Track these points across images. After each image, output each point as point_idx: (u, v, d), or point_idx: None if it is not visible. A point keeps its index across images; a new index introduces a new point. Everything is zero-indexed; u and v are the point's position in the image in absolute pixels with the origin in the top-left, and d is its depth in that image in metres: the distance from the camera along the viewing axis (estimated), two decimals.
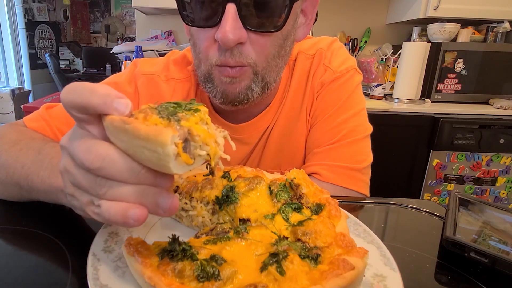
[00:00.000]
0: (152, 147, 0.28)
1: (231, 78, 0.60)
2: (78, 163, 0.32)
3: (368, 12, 2.65)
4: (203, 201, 0.48)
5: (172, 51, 0.85)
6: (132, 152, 0.30)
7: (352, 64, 0.78)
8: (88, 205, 0.33)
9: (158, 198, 0.31)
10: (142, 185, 0.31)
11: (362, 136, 0.76)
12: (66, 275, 0.39)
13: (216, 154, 0.33)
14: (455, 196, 0.60)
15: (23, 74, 4.60)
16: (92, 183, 0.31)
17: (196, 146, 0.31)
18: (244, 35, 0.55)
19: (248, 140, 0.77)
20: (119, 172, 0.31)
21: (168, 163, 0.29)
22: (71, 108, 0.32)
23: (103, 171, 0.31)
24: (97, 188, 0.31)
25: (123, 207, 0.31)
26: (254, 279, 0.31)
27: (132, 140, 0.29)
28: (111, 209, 0.31)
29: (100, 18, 5.69)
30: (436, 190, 2.15)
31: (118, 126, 0.30)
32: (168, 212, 0.31)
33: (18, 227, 0.50)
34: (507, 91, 2.22)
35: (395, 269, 0.40)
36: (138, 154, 0.30)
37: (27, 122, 0.69)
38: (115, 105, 0.31)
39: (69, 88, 0.32)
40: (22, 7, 4.54)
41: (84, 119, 0.33)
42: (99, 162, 0.30)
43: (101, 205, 0.31)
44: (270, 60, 0.61)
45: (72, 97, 0.32)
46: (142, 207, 0.31)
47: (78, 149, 0.31)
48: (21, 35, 4.53)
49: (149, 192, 0.31)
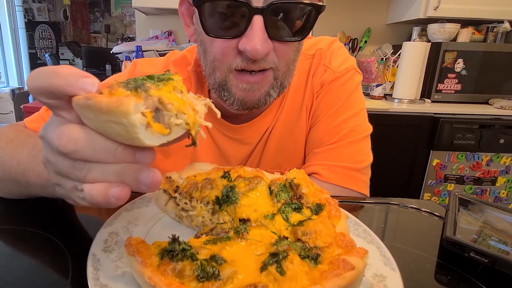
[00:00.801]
0: (117, 119, 0.27)
1: (251, 85, 0.60)
2: (55, 150, 0.31)
3: (368, 12, 2.64)
4: (203, 201, 0.48)
5: (172, 52, 0.85)
6: (102, 129, 0.29)
7: (352, 64, 0.78)
8: (73, 191, 0.33)
9: (139, 175, 0.31)
10: (122, 163, 0.31)
11: (362, 136, 0.76)
12: (66, 275, 0.39)
13: (196, 122, 0.32)
14: (455, 196, 0.60)
15: (23, 74, 4.60)
16: (71, 168, 0.31)
17: (171, 115, 0.30)
18: (271, 47, 0.56)
19: (249, 140, 0.77)
20: (95, 153, 0.30)
21: (137, 134, 0.27)
22: (38, 94, 0.31)
23: (78, 153, 0.30)
24: (76, 172, 0.31)
25: (104, 187, 0.30)
26: (254, 279, 0.31)
27: (98, 116, 0.28)
28: (92, 190, 0.30)
29: (100, 18, 5.69)
30: (436, 190, 2.15)
31: (82, 104, 0.28)
32: (150, 187, 0.31)
33: (18, 227, 0.50)
34: (507, 91, 2.22)
35: (395, 269, 0.40)
36: (108, 131, 0.29)
37: (28, 123, 0.69)
38: (80, 84, 0.30)
39: (33, 74, 0.31)
40: (22, 7, 4.55)
41: (55, 105, 0.32)
42: (72, 145, 0.30)
43: (84, 188, 0.31)
44: (290, 65, 0.63)
45: (36, 82, 0.31)
46: (123, 185, 0.31)
47: (52, 135, 0.31)
48: (21, 35, 4.53)
49: (129, 170, 0.31)
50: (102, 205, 0.31)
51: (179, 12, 0.67)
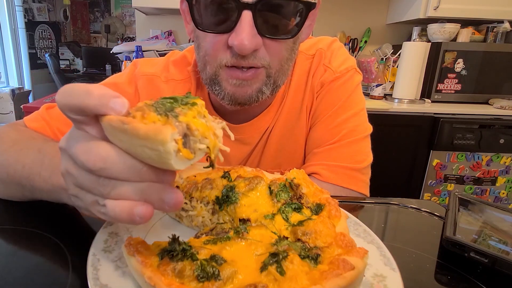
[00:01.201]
0: (152, 146, 0.28)
1: (241, 81, 0.60)
2: (79, 165, 0.32)
3: (368, 12, 2.64)
4: (203, 201, 0.48)
5: (172, 52, 0.85)
6: (133, 151, 0.30)
7: (352, 64, 0.78)
8: (93, 205, 0.33)
9: (163, 194, 0.31)
10: (145, 182, 0.32)
11: (362, 136, 0.76)
12: (66, 275, 0.39)
13: (216, 147, 0.33)
14: (455, 196, 0.60)
15: (23, 74, 4.60)
16: (95, 183, 0.31)
17: (196, 140, 0.31)
18: (260, 42, 0.56)
19: (249, 140, 0.77)
20: (121, 172, 0.31)
21: (169, 160, 0.29)
22: (68, 111, 0.32)
23: (105, 171, 0.31)
24: (100, 188, 0.31)
25: (129, 205, 0.31)
26: (254, 279, 0.31)
27: (132, 139, 0.29)
28: (117, 208, 0.31)
29: (100, 18, 5.69)
30: (436, 190, 2.15)
31: (116, 127, 0.29)
32: (173, 207, 0.32)
33: (18, 227, 0.50)
34: (507, 91, 2.22)
35: (395, 269, 0.40)
36: (139, 153, 0.30)
37: (28, 122, 0.69)
38: (111, 105, 0.30)
39: (65, 91, 0.32)
40: (22, 7, 4.54)
41: (81, 121, 0.32)
42: (101, 163, 0.30)
43: (106, 204, 0.31)
44: (283, 64, 0.62)
45: (68, 99, 0.31)
46: (147, 204, 0.31)
47: (78, 151, 0.31)
48: (21, 35, 4.53)
49: (153, 189, 0.32)
50: (124, 222, 0.31)
51: (180, 10, 0.67)
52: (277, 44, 0.59)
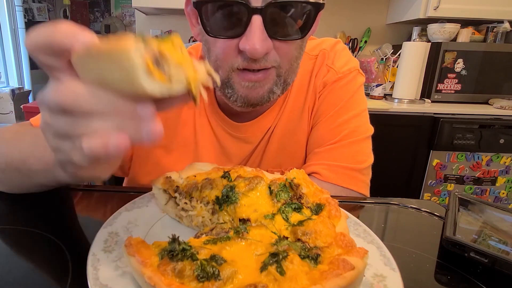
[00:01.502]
0: (119, 64, 0.27)
1: (254, 83, 0.61)
2: (52, 109, 0.30)
3: (368, 12, 2.65)
4: (203, 201, 0.48)
5: None
6: (103, 80, 0.29)
7: (355, 65, 0.78)
8: (72, 152, 0.31)
9: (139, 125, 0.30)
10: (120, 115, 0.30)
11: (363, 136, 0.76)
12: (66, 275, 0.39)
13: (196, 80, 0.31)
14: (455, 196, 0.60)
15: (23, 74, 4.59)
16: (69, 124, 0.30)
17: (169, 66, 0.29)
18: (271, 46, 0.56)
19: (251, 139, 0.77)
20: (93, 104, 0.29)
21: (138, 79, 0.27)
22: (38, 52, 0.30)
23: (78, 107, 0.29)
24: (75, 128, 0.30)
25: (103, 137, 0.29)
26: (254, 279, 0.31)
27: (99, 63, 0.28)
28: (91, 143, 0.29)
29: (100, 18, 5.69)
30: (436, 190, 2.15)
31: (82, 54, 0.28)
32: (151, 138, 0.30)
33: (18, 227, 0.50)
34: (507, 91, 2.22)
35: (395, 269, 0.40)
36: (109, 79, 0.28)
37: (33, 122, 0.70)
38: (79, 37, 0.29)
39: (31, 32, 0.30)
40: (22, 7, 4.54)
41: (54, 64, 0.31)
42: (70, 98, 0.29)
43: (83, 144, 0.29)
44: (293, 62, 0.63)
45: (36, 38, 0.30)
46: (122, 134, 0.29)
47: (49, 93, 0.30)
48: (21, 35, 4.52)
49: (130, 121, 0.30)
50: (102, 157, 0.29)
51: (185, 12, 0.67)
52: (287, 45, 0.59)
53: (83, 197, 0.61)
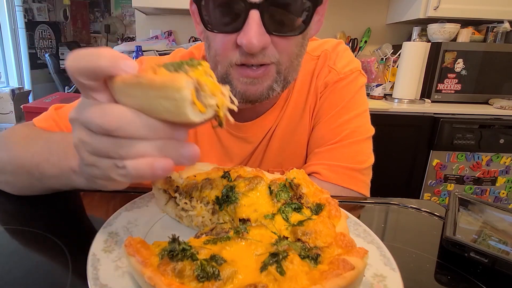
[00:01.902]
0: (169, 95, 0.29)
1: (252, 79, 0.60)
2: (94, 130, 0.32)
3: (368, 12, 2.64)
4: (203, 201, 0.48)
5: (178, 49, 0.85)
6: (148, 107, 0.31)
7: (357, 66, 0.79)
8: (112, 170, 0.33)
9: (180, 149, 0.32)
10: (161, 139, 0.32)
11: (364, 137, 0.76)
12: (66, 275, 0.39)
13: (224, 104, 0.33)
14: (455, 196, 0.60)
15: (23, 74, 4.59)
16: (112, 146, 0.32)
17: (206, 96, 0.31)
18: (268, 41, 0.56)
19: (252, 139, 0.77)
20: (137, 129, 0.31)
21: (185, 109, 0.29)
22: (80, 75, 0.32)
23: (122, 131, 0.31)
24: (118, 150, 0.32)
25: (149, 160, 0.31)
26: (254, 279, 0.31)
27: (148, 92, 0.30)
28: (138, 165, 0.31)
29: (100, 18, 5.69)
30: (436, 190, 2.15)
31: (131, 82, 0.30)
32: (191, 160, 0.33)
33: (18, 227, 0.50)
34: (507, 91, 2.22)
35: (395, 269, 0.40)
36: (154, 107, 0.30)
37: (37, 122, 0.70)
38: (122, 66, 0.31)
39: (75, 55, 0.32)
40: (22, 7, 4.54)
41: (91, 86, 0.33)
42: (116, 122, 0.31)
43: (126, 165, 0.32)
44: (293, 60, 0.62)
45: (80, 63, 0.32)
46: (167, 158, 0.32)
47: (93, 115, 0.32)
48: (21, 35, 4.52)
49: (170, 145, 0.32)
50: (147, 178, 0.32)
51: (190, 11, 0.68)
52: (286, 41, 0.59)
53: (83, 197, 0.61)
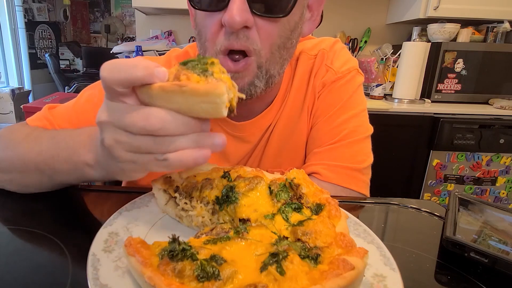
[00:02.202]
0: (210, 100, 0.35)
1: (233, 74, 0.60)
2: (135, 131, 0.37)
3: (368, 12, 2.65)
4: (203, 201, 0.48)
5: (174, 49, 0.85)
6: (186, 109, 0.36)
7: (354, 65, 0.78)
8: (151, 163, 0.38)
9: (212, 139, 0.38)
10: (194, 133, 0.38)
11: (362, 136, 0.76)
12: (66, 275, 0.39)
13: (235, 95, 0.39)
14: (455, 196, 0.60)
15: (23, 74, 4.60)
16: (153, 143, 0.37)
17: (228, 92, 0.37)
18: (250, 18, 0.55)
19: (249, 138, 0.77)
20: (176, 128, 0.36)
21: (222, 109, 0.35)
22: (117, 85, 0.36)
23: (163, 130, 0.36)
24: (159, 146, 0.37)
25: (191, 152, 0.37)
26: (254, 279, 0.31)
27: (189, 98, 0.35)
28: (181, 157, 0.37)
29: (100, 18, 5.69)
30: (436, 190, 2.15)
31: (172, 90, 0.35)
32: (222, 147, 0.39)
33: (19, 227, 0.50)
34: (507, 91, 2.22)
35: (395, 269, 0.40)
36: (194, 109, 0.36)
37: (30, 122, 0.70)
38: (156, 74, 0.35)
39: (111, 67, 0.36)
40: (22, 7, 4.54)
41: (124, 93, 0.37)
42: (158, 123, 0.36)
43: (168, 158, 0.37)
44: (274, 51, 0.61)
45: (119, 75, 0.36)
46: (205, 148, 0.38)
47: (135, 119, 0.36)
48: (21, 35, 4.52)
49: (203, 137, 0.38)
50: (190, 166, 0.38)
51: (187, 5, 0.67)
52: (270, 26, 0.58)
53: (83, 197, 0.61)
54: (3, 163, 0.59)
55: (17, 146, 0.59)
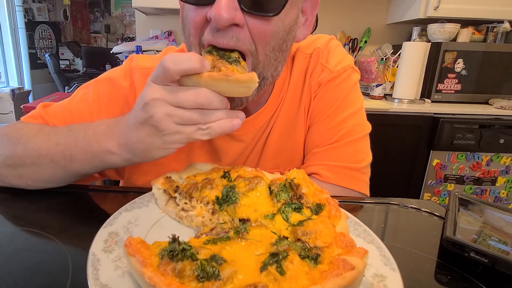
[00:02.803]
0: (248, 85, 0.47)
1: None
2: (186, 106, 0.46)
3: (368, 12, 2.64)
4: (203, 201, 0.48)
5: (170, 47, 0.85)
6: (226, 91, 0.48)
7: (349, 62, 0.78)
8: (196, 132, 0.48)
9: (238, 113, 0.50)
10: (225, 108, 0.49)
11: (361, 135, 0.75)
12: (66, 275, 0.39)
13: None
14: (455, 196, 0.60)
15: (23, 74, 4.59)
16: (199, 115, 0.47)
17: None
18: (239, 16, 0.52)
19: (243, 137, 0.77)
20: (218, 103, 0.47)
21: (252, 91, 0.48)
22: (178, 74, 0.46)
23: (209, 105, 0.47)
24: (205, 117, 0.47)
25: (229, 121, 0.48)
26: (254, 279, 0.31)
27: (231, 84, 0.46)
28: (222, 124, 0.48)
29: (100, 18, 5.69)
30: (436, 190, 2.15)
31: (219, 79, 0.46)
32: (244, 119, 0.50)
33: (18, 227, 0.50)
34: (507, 91, 2.22)
35: (395, 269, 0.40)
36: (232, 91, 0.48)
37: (25, 120, 0.70)
38: (206, 65, 0.46)
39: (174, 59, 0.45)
40: (22, 7, 4.54)
41: (176, 79, 0.47)
42: (206, 99, 0.46)
43: (211, 126, 0.48)
44: (269, 52, 0.58)
45: (180, 65, 0.45)
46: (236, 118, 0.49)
47: (187, 95, 0.46)
48: (21, 35, 4.52)
49: (232, 111, 0.49)
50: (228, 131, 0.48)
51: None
52: (263, 26, 0.55)
53: (83, 197, 0.61)
54: (13, 159, 0.60)
55: (30, 141, 0.60)
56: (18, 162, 0.59)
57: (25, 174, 0.60)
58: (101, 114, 0.72)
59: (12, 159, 0.60)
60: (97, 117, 0.72)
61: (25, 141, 0.61)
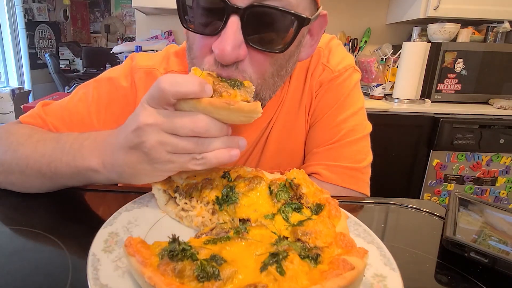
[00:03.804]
0: (250, 115, 0.44)
1: None
2: (182, 133, 0.42)
3: (368, 12, 2.64)
4: (203, 201, 0.48)
5: (171, 45, 0.83)
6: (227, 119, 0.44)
7: (350, 62, 0.78)
8: (190, 162, 0.44)
9: (239, 140, 0.46)
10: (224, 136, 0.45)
11: (361, 135, 0.75)
12: (66, 275, 0.39)
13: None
14: (455, 196, 0.60)
15: (23, 74, 4.60)
16: (195, 144, 0.43)
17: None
18: (243, 53, 0.51)
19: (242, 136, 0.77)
20: (215, 132, 0.43)
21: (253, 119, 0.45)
22: (174, 96, 0.42)
23: (207, 133, 0.43)
24: (200, 146, 0.43)
25: (226, 151, 0.45)
26: (254, 279, 0.31)
27: (233, 113, 0.43)
28: (218, 155, 0.44)
29: (100, 18, 5.69)
30: (436, 190, 2.15)
31: (221, 106, 0.42)
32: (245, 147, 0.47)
33: (18, 227, 0.50)
34: (507, 91, 2.22)
35: (395, 269, 0.40)
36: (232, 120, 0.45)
37: (23, 119, 0.69)
38: (206, 90, 0.42)
39: (171, 80, 0.42)
40: (22, 7, 4.54)
41: (173, 103, 0.43)
42: (206, 127, 0.42)
43: (206, 156, 0.44)
44: (267, 78, 0.57)
45: (177, 87, 0.41)
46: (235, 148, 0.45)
47: (183, 122, 0.42)
48: (21, 35, 4.53)
49: (231, 139, 0.45)
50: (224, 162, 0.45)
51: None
52: (263, 58, 0.54)
53: (83, 197, 0.61)
54: (3, 166, 0.58)
55: (19, 148, 0.58)
56: (8, 169, 0.58)
57: (16, 182, 0.58)
58: (101, 114, 0.72)
59: (3, 166, 0.58)
60: (97, 117, 0.72)
61: (14, 148, 0.59)
